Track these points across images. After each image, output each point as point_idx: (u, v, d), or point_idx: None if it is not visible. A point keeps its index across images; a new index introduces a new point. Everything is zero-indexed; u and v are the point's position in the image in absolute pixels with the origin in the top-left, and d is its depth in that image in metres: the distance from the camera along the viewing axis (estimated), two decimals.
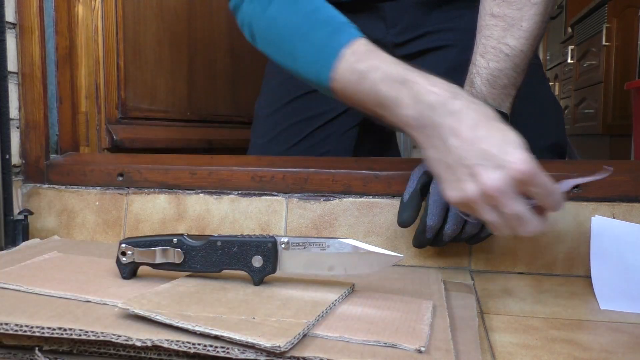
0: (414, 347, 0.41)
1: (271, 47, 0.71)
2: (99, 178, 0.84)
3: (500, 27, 0.66)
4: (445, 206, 0.65)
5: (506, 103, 0.67)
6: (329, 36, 0.64)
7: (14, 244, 0.77)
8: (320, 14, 0.66)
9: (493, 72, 0.66)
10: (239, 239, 0.53)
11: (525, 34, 0.65)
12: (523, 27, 0.65)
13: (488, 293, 0.64)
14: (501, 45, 0.65)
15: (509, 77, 0.66)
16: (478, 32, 0.68)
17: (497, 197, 0.50)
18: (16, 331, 0.43)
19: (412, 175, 0.69)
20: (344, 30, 0.64)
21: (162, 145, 1.17)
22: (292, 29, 0.67)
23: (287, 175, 0.79)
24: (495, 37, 0.65)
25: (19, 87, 0.85)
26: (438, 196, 0.64)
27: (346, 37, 0.62)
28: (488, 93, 0.66)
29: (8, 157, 0.79)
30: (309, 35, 0.65)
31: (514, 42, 0.66)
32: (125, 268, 0.55)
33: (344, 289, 0.53)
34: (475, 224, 0.65)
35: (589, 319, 0.56)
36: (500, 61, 0.65)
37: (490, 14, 0.67)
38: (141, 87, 1.15)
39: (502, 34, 0.66)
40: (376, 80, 0.58)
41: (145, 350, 0.42)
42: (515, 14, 0.65)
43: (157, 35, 1.21)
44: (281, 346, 0.39)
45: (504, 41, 0.65)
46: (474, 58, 0.68)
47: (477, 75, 0.67)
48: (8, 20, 0.81)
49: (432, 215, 0.65)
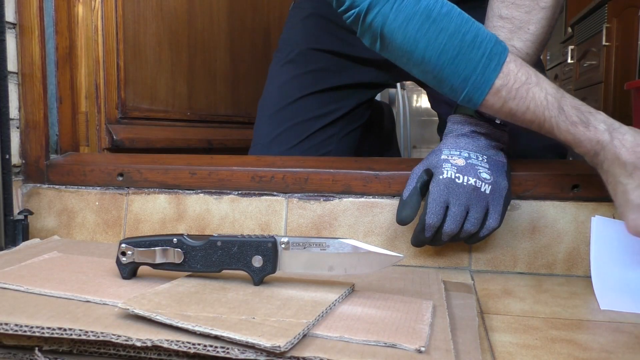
0: (414, 347, 0.41)
1: (409, 63, 0.64)
2: (99, 178, 0.84)
3: (507, 29, 0.66)
4: (445, 204, 0.65)
5: None
6: (477, 66, 0.60)
7: (14, 244, 0.77)
8: (466, 35, 0.60)
9: None
10: (239, 239, 0.53)
11: (531, 37, 0.66)
12: (530, 30, 0.65)
13: (488, 293, 0.64)
14: (508, 47, 0.65)
15: None
16: None
17: None
18: (16, 331, 0.43)
19: (412, 173, 0.69)
20: (493, 55, 0.60)
21: (162, 145, 1.17)
22: (437, 50, 0.61)
23: (287, 175, 0.79)
24: (502, 39, 0.65)
25: (19, 87, 0.85)
26: (437, 194, 0.64)
27: (495, 64, 0.60)
28: None
29: (8, 157, 0.79)
30: (456, 60, 0.60)
31: (520, 45, 0.66)
32: (125, 268, 0.55)
33: (344, 289, 0.53)
34: (474, 223, 0.65)
35: (589, 319, 0.56)
36: None
37: (499, 15, 0.67)
38: (141, 87, 1.15)
39: (508, 35, 0.66)
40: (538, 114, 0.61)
41: (145, 350, 0.42)
42: (523, 17, 0.65)
43: (157, 35, 1.21)
44: (281, 346, 0.39)
45: (510, 43, 0.65)
46: None
47: None
48: (8, 20, 0.81)
49: (431, 213, 0.65)
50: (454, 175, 0.64)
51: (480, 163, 0.66)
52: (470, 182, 0.64)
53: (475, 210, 0.65)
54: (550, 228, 0.72)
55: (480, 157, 0.66)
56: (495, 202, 0.65)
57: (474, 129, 0.68)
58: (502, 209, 0.66)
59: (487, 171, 0.65)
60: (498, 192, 0.65)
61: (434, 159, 0.67)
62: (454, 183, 0.64)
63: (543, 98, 0.60)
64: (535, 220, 0.73)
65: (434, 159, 0.67)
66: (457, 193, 0.64)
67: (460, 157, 0.66)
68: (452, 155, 0.66)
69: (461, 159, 0.66)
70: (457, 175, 0.64)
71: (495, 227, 0.66)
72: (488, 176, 0.65)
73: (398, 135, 1.96)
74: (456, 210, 0.64)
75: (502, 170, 0.67)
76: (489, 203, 0.65)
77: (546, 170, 0.74)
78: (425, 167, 0.68)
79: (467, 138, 0.68)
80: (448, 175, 0.64)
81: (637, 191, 0.57)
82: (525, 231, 0.73)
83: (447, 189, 0.64)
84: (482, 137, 0.68)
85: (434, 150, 0.70)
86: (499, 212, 0.66)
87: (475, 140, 0.68)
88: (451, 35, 0.59)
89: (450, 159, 0.66)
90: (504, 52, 0.60)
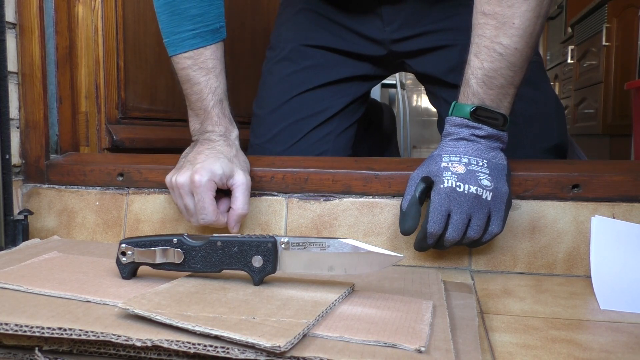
0: (414, 347, 0.41)
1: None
2: (99, 178, 0.84)
3: (492, 26, 0.65)
4: (446, 213, 0.64)
5: (504, 103, 0.67)
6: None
7: (14, 244, 0.77)
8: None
9: (488, 73, 0.65)
10: (239, 239, 0.53)
11: (518, 32, 0.64)
12: (515, 24, 0.64)
13: (488, 293, 0.64)
14: (494, 45, 0.64)
15: (505, 77, 0.65)
16: (472, 31, 0.67)
17: (178, 189, 0.71)
18: (16, 331, 0.43)
19: (410, 180, 0.69)
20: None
21: (162, 145, 1.17)
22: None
23: (287, 175, 0.79)
24: (488, 36, 0.65)
25: (19, 87, 0.85)
26: (439, 204, 0.64)
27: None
28: (485, 94, 0.66)
29: (8, 157, 0.79)
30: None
31: (507, 41, 0.64)
32: (125, 268, 0.55)
33: (344, 289, 0.53)
34: (477, 230, 0.65)
35: (589, 319, 0.56)
36: (494, 61, 0.65)
37: (482, 12, 0.65)
38: (141, 87, 1.15)
39: (494, 32, 0.64)
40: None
41: (145, 350, 0.42)
42: (506, 12, 0.64)
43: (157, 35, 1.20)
44: (281, 346, 0.39)
45: (497, 40, 0.64)
46: (468, 58, 0.67)
47: (472, 77, 0.66)
48: (8, 20, 0.81)
49: (432, 222, 0.65)
50: (455, 184, 0.64)
51: (481, 169, 0.65)
52: (472, 191, 0.64)
53: (477, 217, 0.65)
54: (550, 228, 0.72)
55: (481, 161, 0.66)
56: (497, 208, 0.65)
57: (472, 132, 0.67)
58: (504, 214, 0.66)
59: (487, 177, 0.65)
60: (499, 197, 0.65)
61: (434, 166, 0.67)
62: (455, 192, 0.64)
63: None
64: (535, 220, 0.73)
65: (433, 167, 0.67)
66: (458, 202, 0.64)
67: (460, 163, 0.66)
68: (452, 162, 0.66)
69: (461, 166, 0.65)
70: (458, 184, 0.64)
71: (498, 233, 0.67)
72: (489, 183, 0.65)
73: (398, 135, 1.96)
74: (458, 218, 0.64)
75: (502, 174, 0.67)
76: (491, 209, 0.65)
77: (546, 170, 0.74)
78: (424, 174, 0.68)
79: (466, 142, 0.67)
80: (449, 185, 0.64)
81: None
82: (525, 231, 0.73)
83: (448, 198, 0.64)
84: (481, 139, 0.67)
85: (433, 155, 0.69)
86: (501, 217, 0.66)
87: (474, 144, 0.67)
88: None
89: (451, 167, 0.65)
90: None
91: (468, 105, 0.67)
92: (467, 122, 0.67)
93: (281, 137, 0.96)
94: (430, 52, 0.95)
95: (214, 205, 0.70)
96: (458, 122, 0.68)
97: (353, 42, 0.98)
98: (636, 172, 0.72)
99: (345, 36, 0.98)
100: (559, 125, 0.92)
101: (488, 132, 0.67)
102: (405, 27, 0.94)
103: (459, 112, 0.68)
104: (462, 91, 0.68)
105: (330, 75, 0.99)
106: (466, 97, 0.67)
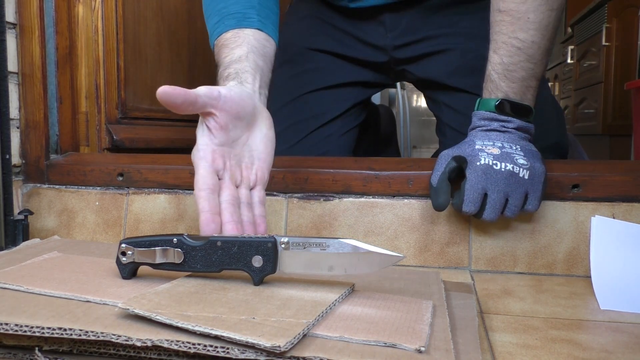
0: (413, 347, 0.41)
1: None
2: (99, 178, 0.84)
3: (508, 22, 0.67)
4: (483, 192, 0.65)
5: (528, 95, 0.68)
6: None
7: (14, 244, 0.77)
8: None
9: (508, 67, 0.66)
10: (239, 239, 0.53)
11: (534, 26, 0.66)
12: (530, 19, 0.65)
13: (488, 293, 0.64)
14: (512, 40, 0.66)
15: (526, 70, 0.66)
16: (490, 29, 0.69)
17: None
18: (16, 331, 0.43)
19: (440, 158, 0.70)
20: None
21: (162, 145, 1.17)
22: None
23: (287, 175, 0.79)
24: (505, 32, 0.66)
25: (19, 87, 0.85)
26: (475, 181, 0.64)
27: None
28: (508, 88, 0.67)
29: (8, 157, 0.79)
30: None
31: (524, 35, 0.66)
32: (125, 268, 0.55)
33: (344, 289, 0.53)
34: (513, 211, 0.66)
35: (589, 319, 0.56)
36: (513, 55, 0.66)
37: (497, 9, 0.68)
38: (141, 87, 1.15)
39: (510, 28, 0.66)
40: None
41: (145, 350, 0.42)
42: (520, 7, 0.66)
43: (157, 35, 1.21)
44: (281, 346, 0.39)
45: (514, 35, 0.66)
46: (489, 55, 0.69)
47: (493, 72, 0.68)
48: (8, 20, 0.81)
49: (468, 201, 0.65)
50: (492, 162, 0.64)
51: (515, 151, 0.66)
52: (508, 168, 0.64)
53: (514, 197, 0.65)
54: (550, 228, 0.72)
55: (514, 146, 0.67)
56: (535, 187, 0.66)
57: (502, 124, 0.68)
58: (541, 194, 0.67)
59: (523, 157, 0.65)
60: (537, 176, 0.66)
61: (467, 148, 0.67)
62: (491, 169, 0.64)
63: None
64: (535, 220, 0.73)
65: (467, 148, 0.67)
66: (495, 179, 0.64)
67: (494, 146, 0.66)
68: (487, 145, 0.66)
69: (496, 148, 0.66)
70: (494, 162, 0.64)
71: (534, 212, 0.68)
72: (525, 161, 0.65)
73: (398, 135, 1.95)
74: (495, 197, 0.64)
75: (537, 156, 0.68)
76: (528, 188, 0.66)
77: (546, 170, 0.74)
78: (454, 153, 0.68)
79: (498, 132, 0.68)
80: (485, 162, 0.64)
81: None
82: (525, 231, 0.73)
83: (485, 175, 0.64)
84: (512, 130, 0.68)
85: (464, 141, 0.69)
86: (538, 197, 0.66)
87: (505, 134, 0.68)
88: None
89: (485, 149, 0.66)
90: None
91: (492, 100, 0.68)
92: (496, 116, 0.68)
93: (284, 136, 0.97)
94: (430, 57, 0.95)
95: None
96: (487, 116, 0.69)
97: (355, 48, 0.99)
98: (636, 172, 0.72)
99: (349, 42, 0.99)
100: (558, 123, 0.93)
101: (517, 124, 0.68)
102: (407, 34, 0.95)
103: (484, 106, 0.69)
104: (485, 87, 0.70)
105: (332, 78, 1.00)
106: (489, 91, 0.69)
